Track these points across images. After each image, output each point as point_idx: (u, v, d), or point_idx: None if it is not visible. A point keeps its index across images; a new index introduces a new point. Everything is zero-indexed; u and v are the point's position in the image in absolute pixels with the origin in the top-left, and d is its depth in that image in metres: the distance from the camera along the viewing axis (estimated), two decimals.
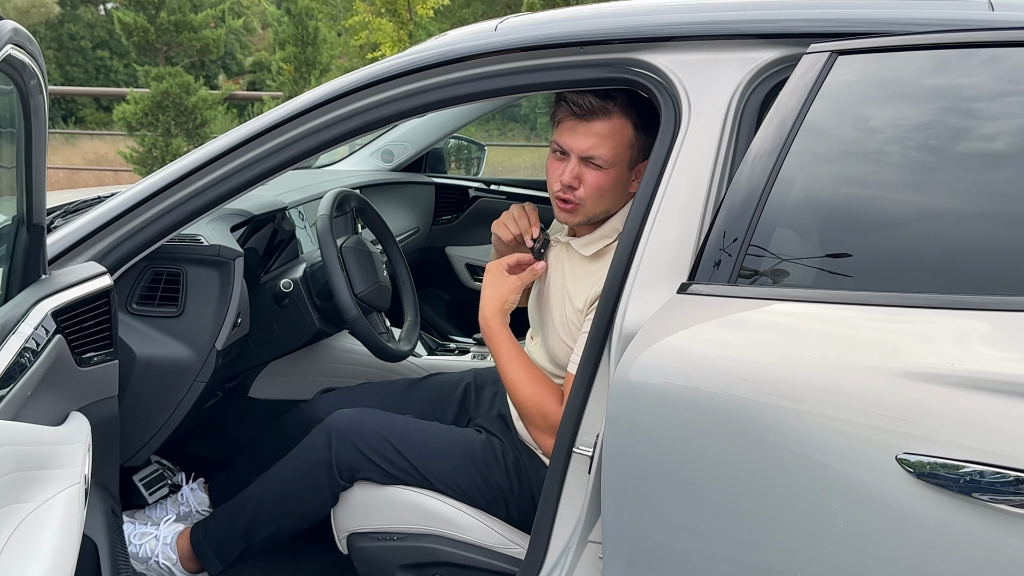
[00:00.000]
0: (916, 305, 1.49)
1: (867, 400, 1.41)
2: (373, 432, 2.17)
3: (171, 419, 2.28)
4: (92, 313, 1.79)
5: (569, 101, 2.02)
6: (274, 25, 11.65)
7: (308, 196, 3.06)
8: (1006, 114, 1.61)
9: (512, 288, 2.16)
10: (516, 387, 2.11)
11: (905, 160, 1.64)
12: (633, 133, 2.04)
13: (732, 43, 1.86)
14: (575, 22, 1.99)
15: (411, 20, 10.61)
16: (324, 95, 2.04)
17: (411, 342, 2.69)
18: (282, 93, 11.17)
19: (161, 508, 2.56)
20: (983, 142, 1.61)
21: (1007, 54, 1.61)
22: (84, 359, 1.78)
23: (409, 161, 3.90)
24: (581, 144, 2.03)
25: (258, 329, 2.56)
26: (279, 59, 11.04)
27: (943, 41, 1.66)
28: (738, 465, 1.54)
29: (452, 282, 3.93)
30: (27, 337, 1.58)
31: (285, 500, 2.23)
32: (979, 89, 1.63)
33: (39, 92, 1.42)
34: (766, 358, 1.55)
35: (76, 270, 1.85)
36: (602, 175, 2.05)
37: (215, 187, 2.06)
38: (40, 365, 1.60)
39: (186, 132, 11.30)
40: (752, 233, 1.66)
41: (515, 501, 2.18)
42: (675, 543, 1.66)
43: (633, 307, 1.77)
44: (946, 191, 1.60)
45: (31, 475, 1.48)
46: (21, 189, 1.63)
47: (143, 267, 2.24)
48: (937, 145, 1.63)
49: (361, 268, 2.49)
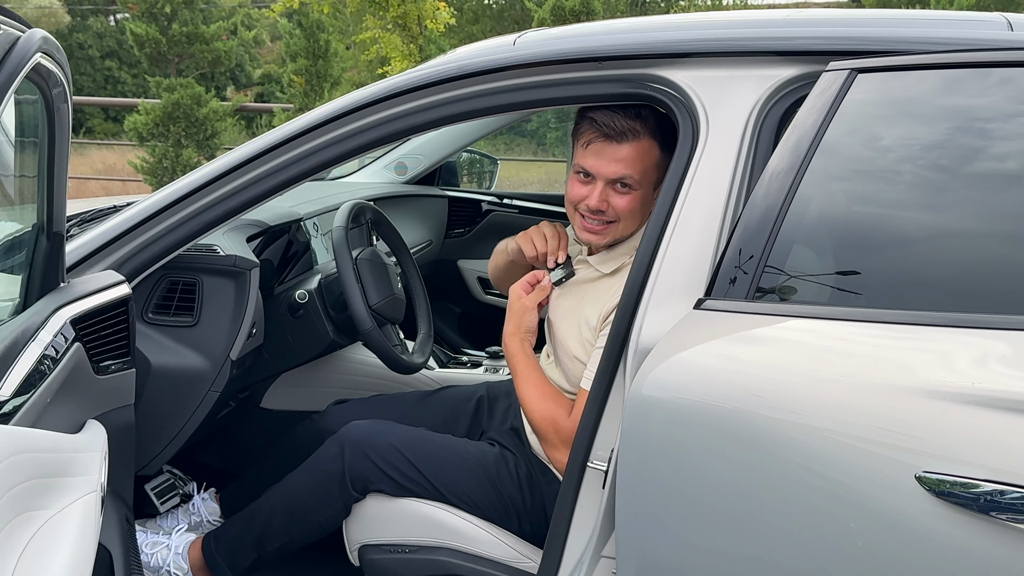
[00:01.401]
0: (933, 324, 1.48)
1: (886, 418, 1.41)
2: (386, 444, 2.17)
3: (185, 428, 2.29)
4: (110, 321, 1.80)
5: (598, 121, 2.01)
6: (285, 38, 11.68)
7: (323, 208, 3.06)
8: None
9: (526, 308, 2.18)
10: (528, 403, 2.12)
11: (923, 179, 1.64)
12: (659, 154, 2.04)
13: (751, 60, 1.86)
14: (593, 37, 1.99)
15: (421, 35, 10.64)
16: (342, 107, 2.05)
17: (424, 355, 2.69)
18: (293, 105, 11.20)
19: (172, 517, 2.57)
20: (1001, 162, 1.61)
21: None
22: (102, 367, 1.79)
23: (422, 174, 3.91)
24: (609, 169, 2.02)
25: (272, 340, 2.56)
26: (290, 71, 11.06)
27: (964, 60, 1.66)
28: (753, 482, 1.54)
29: (464, 295, 3.93)
30: (46, 345, 1.59)
31: (297, 511, 2.23)
32: (999, 109, 1.63)
33: (64, 101, 1.43)
34: (782, 375, 1.54)
35: (95, 278, 1.86)
36: (631, 197, 2.05)
37: (232, 198, 2.07)
38: (59, 373, 1.60)
39: (196, 143, 11.34)
40: (769, 250, 1.66)
41: (527, 515, 2.18)
42: (689, 560, 1.65)
43: (649, 322, 1.77)
44: (964, 210, 1.60)
45: (49, 482, 1.48)
46: (42, 197, 1.64)
47: (159, 276, 2.25)
48: (956, 164, 1.63)
49: (376, 280, 2.49)
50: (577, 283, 2.20)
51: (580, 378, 2.12)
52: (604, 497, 1.83)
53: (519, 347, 2.17)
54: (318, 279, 2.69)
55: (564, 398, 2.13)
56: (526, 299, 2.19)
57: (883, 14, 1.97)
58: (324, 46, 10.99)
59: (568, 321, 2.18)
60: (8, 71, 1.13)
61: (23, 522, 1.39)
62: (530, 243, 2.24)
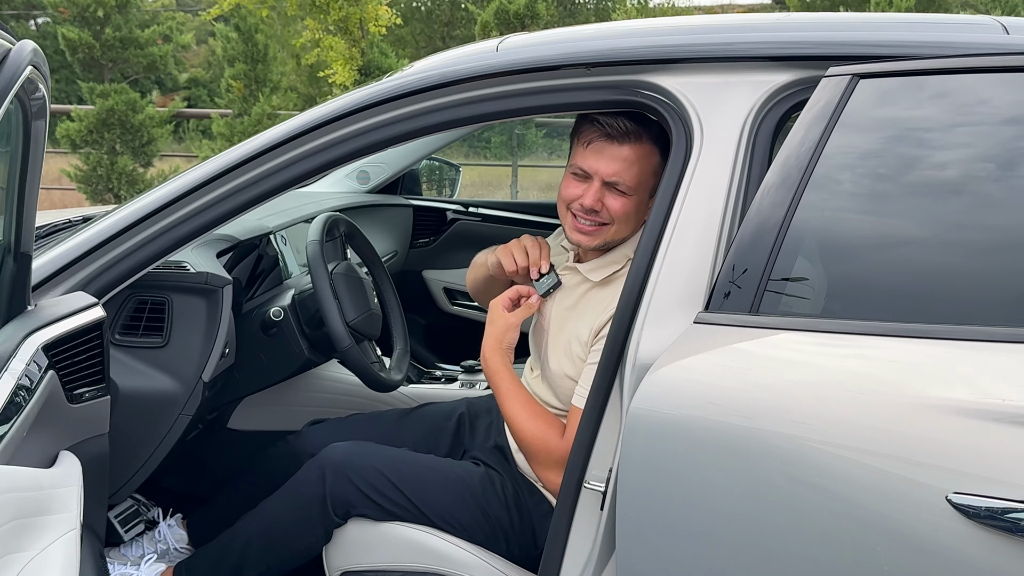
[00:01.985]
0: (949, 338, 1.45)
1: (913, 437, 1.36)
2: (369, 466, 2.09)
3: (155, 454, 2.18)
4: (84, 347, 1.70)
5: (601, 121, 1.96)
6: (222, 42, 11.51)
7: (290, 219, 2.96)
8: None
9: (510, 325, 2.12)
10: (517, 423, 2.05)
11: (931, 187, 1.61)
12: (659, 161, 1.99)
13: (744, 65, 1.81)
14: (581, 43, 1.93)
15: (363, 38, 10.51)
16: (319, 118, 1.97)
17: (402, 371, 2.61)
18: (230, 111, 11.03)
19: (137, 546, 2.45)
20: (1011, 170, 1.57)
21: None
22: (75, 395, 1.68)
23: (385, 183, 3.82)
24: (607, 168, 1.98)
25: (243, 359, 2.46)
26: (228, 76, 10.89)
27: (969, 65, 1.63)
28: (766, 503, 1.49)
29: (429, 307, 3.84)
30: (19, 374, 1.49)
31: (276, 538, 2.13)
32: (1012, 116, 1.59)
33: (42, 116, 1.34)
34: (796, 391, 1.50)
35: (64, 301, 1.76)
36: (625, 201, 2.00)
37: (205, 212, 1.97)
38: (34, 404, 1.50)
39: (132, 150, 11.12)
40: (773, 262, 1.62)
41: (515, 536, 2.11)
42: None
43: (647, 337, 1.71)
44: (976, 219, 1.56)
45: (29, 522, 1.39)
46: (10, 215, 1.54)
47: (126, 295, 2.14)
48: (965, 171, 1.59)
49: (352, 295, 2.41)
50: (565, 295, 2.14)
51: (570, 395, 2.05)
52: (603, 519, 1.77)
53: (501, 364, 2.10)
54: (291, 295, 2.59)
55: (554, 417, 2.07)
56: (510, 315, 2.13)
57: (877, 18, 1.94)
58: (262, 50, 10.84)
59: (558, 338, 2.12)
60: (1, 86, 1.04)
61: (5, 566, 1.29)
62: (510, 257, 2.17)
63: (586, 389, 1.93)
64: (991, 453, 1.31)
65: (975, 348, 1.42)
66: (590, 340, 2.02)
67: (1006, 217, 1.55)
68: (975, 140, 1.61)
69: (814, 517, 1.44)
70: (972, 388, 1.38)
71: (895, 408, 1.40)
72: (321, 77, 11.20)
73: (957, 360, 1.42)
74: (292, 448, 2.40)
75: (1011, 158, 1.57)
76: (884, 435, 1.39)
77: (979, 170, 1.59)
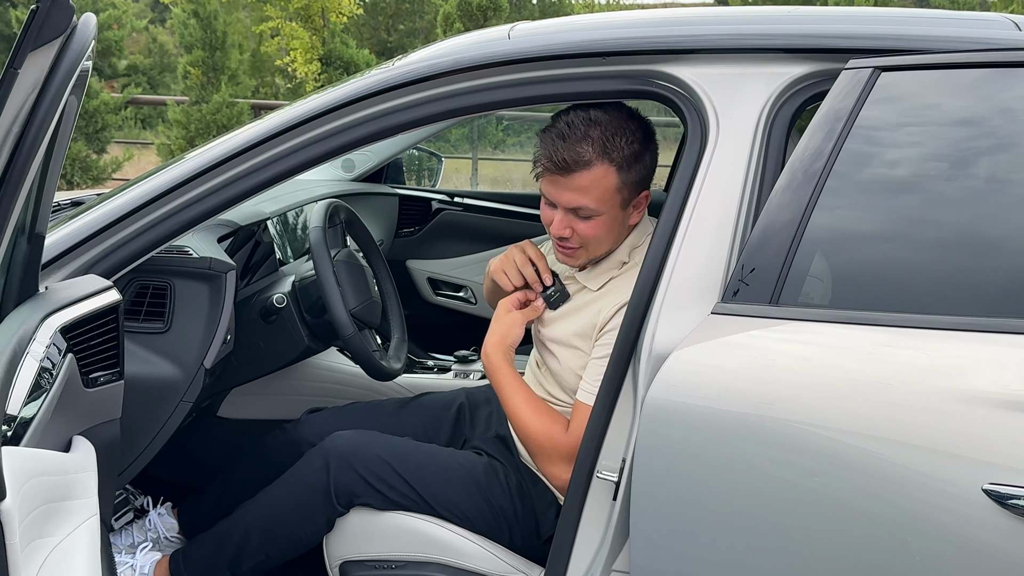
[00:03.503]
0: (980, 329, 1.46)
1: (946, 428, 1.37)
2: (373, 455, 2.07)
3: (155, 442, 2.15)
4: (100, 330, 1.66)
5: (547, 153, 1.92)
6: (179, 28, 11.36)
7: (284, 206, 2.93)
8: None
9: (514, 324, 2.10)
10: (521, 420, 2.03)
11: (958, 180, 1.61)
12: (618, 177, 1.93)
13: (760, 57, 1.82)
14: (596, 31, 1.92)
15: (325, 27, 10.44)
16: (331, 102, 1.94)
17: (400, 360, 2.59)
18: (187, 98, 10.91)
19: (126, 534, 2.41)
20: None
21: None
22: (91, 379, 1.65)
23: (370, 171, 3.79)
24: (565, 198, 1.94)
25: (242, 346, 2.42)
26: (186, 63, 10.78)
27: (993, 60, 1.64)
28: (790, 494, 1.49)
29: (413, 297, 3.81)
30: (41, 357, 1.45)
31: (277, 527, 2.11)
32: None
33: (80, 89, 1.30)
34: (823, 382, 1.51)
35: (78, 283, 1.72)
36: (593, 224, 1.96)
37: (212, 196, 1.94)
38: (56, 387, 1.47)
39: (86, 137, 10.96)
40: (793, 253, 1.62)
41: (519, 527, 2.10)
42: None
43: (663, 328, 1.71)
44: (1000, 211, 1.57)
45: (55, 507, 1.36)
46: (30, 194, 1.50)
47: (128, 280, 2.10)
48: (989, 164, 1.60)
49: (354, 283, 2.38)
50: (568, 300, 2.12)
51: (573, 386, 2.05)
52: (616, 509, 1.77)
53: (503, 361, 2.08)
54: (291, 282, 2.56)
55: (557, 413, 2.06)
56: (517, 314, 2.10)
57: (893, 12, 1.95)
58: (221, 37, 10.73)
59: (560, 334, 2.10)
60: (73, 56, 1.01)
61: (32, 551, 1.26)
62: (504, 278, 2.14)
63: (591, 385, 1.93)
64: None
65: (1005, 341, 1.43)
66: (594, 335, 2.01)
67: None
68: (997, 135, 1.63)
69: (837, 510, 1.45)
70: (1003, 379, 1.40)
71: (926, 400, 1.41)
72: (265, 67, 11.13)
73: (987, 352, 1.44)
74: (290, 436, 2.37)
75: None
76: (914, 427, 1.40)
77: (1001, 164, 1.60)
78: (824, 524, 1.47)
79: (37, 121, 1.01)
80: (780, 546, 1.52)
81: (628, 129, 1.94)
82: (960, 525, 1.35)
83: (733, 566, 1.57)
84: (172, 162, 2.03)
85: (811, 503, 1.47)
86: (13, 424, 1.30)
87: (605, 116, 1.93)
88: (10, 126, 0.98)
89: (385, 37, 23.13)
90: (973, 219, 1.58)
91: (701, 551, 1.60)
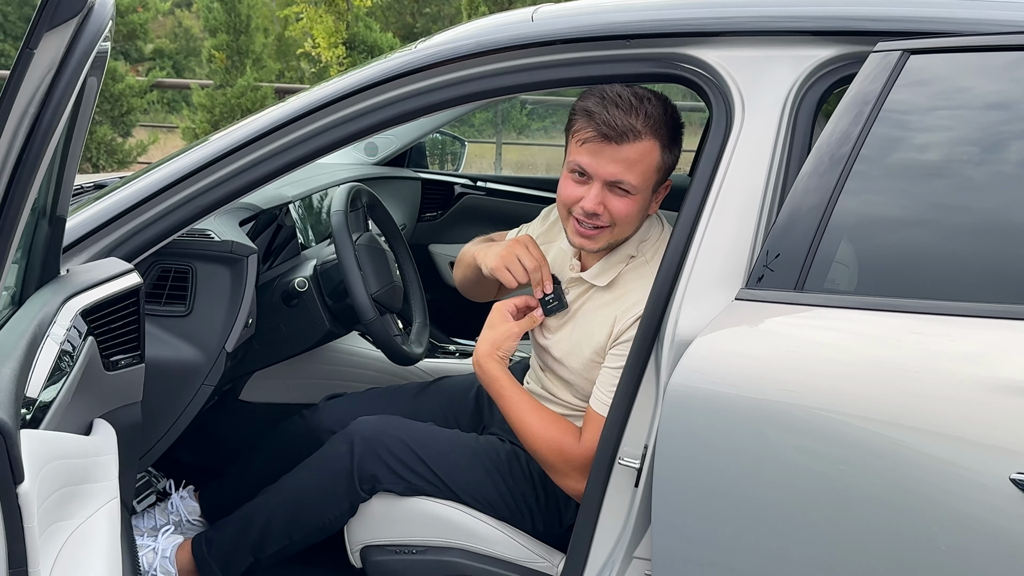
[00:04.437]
0: (1011, 317, 1.43)
1: (972, 417, 1.36)
2: (397, 440, 2.06)
3: (176, 425, 2.15)
4: (120, 313, 1.66)
5: (596, 119, 1.85)
6: (203, 12, 11.37)
7: (306, 189, 2.92)
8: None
9: (510, 334, 2.05)
10: (529, 433, 2.00)
11: (988, 164, 1.59)
12: (661, 155, 1.90)
13: (787, 39, 1.79)
14: (620, 14, 1.90)
15: (348, 11, 10.43)
16: (354, 84, 1.94)
17: (422, 344, 2.58)
18: (212, 82, 10.93)
19: (148, 517, 2.42)
20: None
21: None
22: (111, 362, 1.65)
23: (393, 155, 3.77)
24: (608, 169, 1.87)
25: (264, 330, 2.42)
26: (210, 47, 10.79)
27: (1022, 43, 1.61)
28: (815, 482, 1.48)
29: (435, 281, 3.79)
30: (61, 339, 1.45)
31: (300, 512, 2.10)
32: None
33: (98, 71, 1.29)
34: (848, 369, 1.49)
35: (99, 266, 1.72)
36: (628, 201, 1.90)
37: (235, 179, 1.95)
38: (77, 370, 1.47)
39: (112, 120, 11.00)
40: (819, 239, 1.60)
41: (540, 513, 2.10)
42: (739, 563, 1.59)
43: (686, 314, 1.69)
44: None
45: (75, 490, 1.36)
46: (50, 176, 1.49)
47: (150, 263, 2.10)
48: (1019, 149, 1.58)
49: (376, 267, 2.37)
50: (571, 298, 2.08)
51: (583, 392, 2.03)
52: (638, 495, 1.76)
53: (499, 370, 2.04)
54: (312, 265, 2.56)
55: (567, 422, 2.02)
56: (514, 325, 2.05)
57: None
58: (245, 20, 10.74)
59: (567, 343, 2.07)
60: (90, 36, 1.01)
61: (52, 534, 1.27)
62: (507, 275, 2.08)
63: (605, 394, 1.90)
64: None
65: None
66: (608, 344, 1.97)
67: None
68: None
69: (861, 497, 1.43)
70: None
71: (952, 387, 1.39)
72: (290, 51, 11.14)
73: (1015, 340, 1.41)
74: (309, 423, 2.37)
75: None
76: (941, 415, 1.38)
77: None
78: (848, 512, 1.45)
79: (54, 102, 1.00)
80: (803, 533, 1.51)
81: (670, 110, 1.91)
82: (986, 514, 1.33)
83: (756, 553, 1.56)
84: (194, 145, 2.02)
85: (835, 490, 1.46)
86: (33, 407, 1.30)
87: (651, 93, 1.90)
88: (26, 107, 0.98)
89: (411, 21, 23.10)
90: (1002, 205, 1.55)
91: (723, 538, 1.58)
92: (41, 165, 0.99)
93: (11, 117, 0.96)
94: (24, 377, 1.26)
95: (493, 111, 10.53)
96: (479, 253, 2.21)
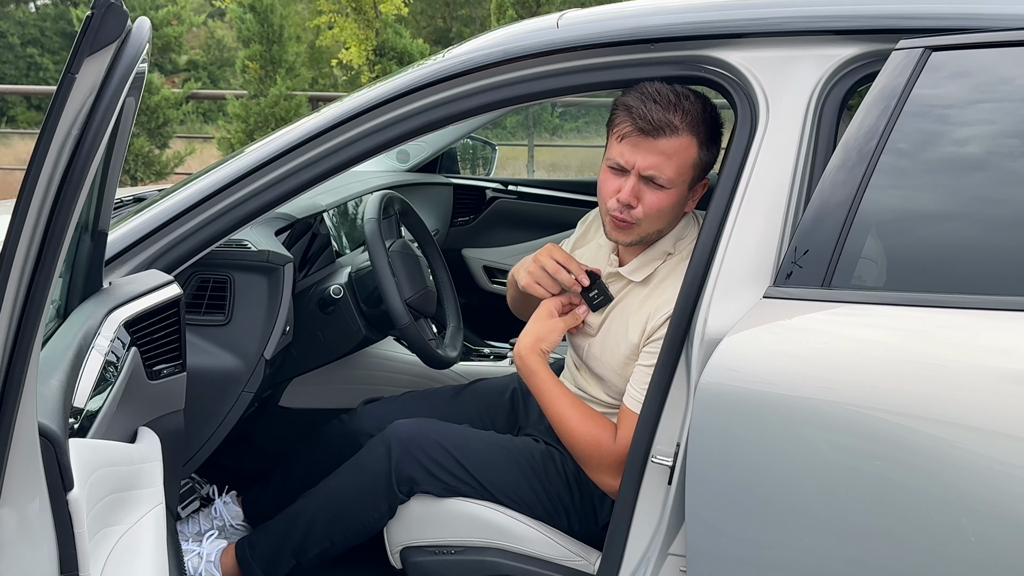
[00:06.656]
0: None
1: (1004, 411, 1.36)
2: (433, 443, 2.10)
3: (218, 432, 2.20)
4: (162, 324, 1.71)
5: (634, 113, 1.89)
6: (236, 23, 11.47)
7: (340, 198, 2.97)
8: None
9: (554, 329, 2.07)
10: (567, 427, 2.03)
11: (1013, 159, 1.60)
12: (697, 152, 1.93)
13: (810, 39, 1.81)
14: (644, 18, 1.92)
15: (377, 19, 10.50)
16: (382, 95, 1.97)
17: (456, 348, 2.62)
18: (246, 92, 11.02)
19: (193, 522, 2.47)
20: None
21: None
22: (154, 372, 1.70)
23: (425, 161, 3.82)
24: (644, 162, 1.90)
25: (301, 337, 2.47)
26: (243, 57, 10.87)
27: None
28: (848, 477, 1.49)
29: (469, 285, 3.84)
30: (106, 351, 1.50)
31: (341, 514, 2.14)
32: None
33: (136, 91, 1.34)
34: (878, 364, 1.50)
35: (140, 278, 1.77)
36: (662, 195, 1.93)
37: (270, 190, 1.98)
38: (121, 380, 1.51)
39: (148, 132, 11.11)
40: (846, 236, 1.61)
41: (576, 513, 2.12)
42: (774, 560, 1.60)
43: (715, 312, 1.71)
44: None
45: (122, 496, 1.40)
46: (92, 193, 1.54)
47: (189, 274, 2.15)
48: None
49: (409, 273, 2.41)
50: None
51: (617, 390, 2.06)
52: (672, 493, 1.78)
53: (540, 364, 2.06)
54: (347, 273, 2.60)
55: (604, 418, 2.05)
56: (559, 321, 2.08)
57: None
58: (278, 31, 10.82)
59: (603, 338, 2.09)
60: (128, 59, 1.05)
61: (101, 539, 1.31)
62: (537, 288, 2.11)
63: (638, 392, 1.93)
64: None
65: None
66: (641, 342, 2.00)
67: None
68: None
69: (894, 492, 1.44)
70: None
71: (984, 381, 1.40)
72: (323, 59, 11.21)
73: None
74: (348, 427, 2.41)
75: None
76: (972, 409, 1.39)
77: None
78: (881, 506, 1.46)
79: (95, 124, 1.04)
80: (836, 528, 1.52)
81: (709, 108, 1.94)
82: (1019, 507, 1.34)
83: (790, 548, 1.57)
84: (229, 158, 2.07)
85: (868, 485, 1.47)
86: (80, 416, 1.35)
87: (691, 92, 1.92)
88: (69, 129, 1.02)
89: (442, 25, 23.18)
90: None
91: (758, 534, 1.60)
92: (84, 184, 1.03)
93: (55, 139, 1.00)
94: (71, 388, 1.30)
95: (524, 114, 10.56)
96: (516, 272, 2.25)
